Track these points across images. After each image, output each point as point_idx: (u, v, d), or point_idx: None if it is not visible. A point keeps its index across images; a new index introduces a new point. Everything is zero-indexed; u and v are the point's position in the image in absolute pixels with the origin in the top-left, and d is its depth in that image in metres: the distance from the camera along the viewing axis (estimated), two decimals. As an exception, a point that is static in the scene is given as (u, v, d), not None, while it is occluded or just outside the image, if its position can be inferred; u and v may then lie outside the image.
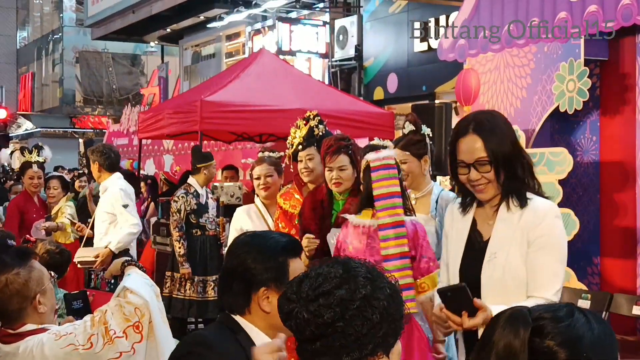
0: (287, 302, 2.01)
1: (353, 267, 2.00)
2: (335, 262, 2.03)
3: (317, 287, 1.96)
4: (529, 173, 3.22)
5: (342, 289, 1.94)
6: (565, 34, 6.47)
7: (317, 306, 1.93)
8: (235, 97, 9.44)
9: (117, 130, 17.93)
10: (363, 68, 14.99)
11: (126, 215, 7.28)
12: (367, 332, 1.92)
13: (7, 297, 3.15)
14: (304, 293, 1.97)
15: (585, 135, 7.13)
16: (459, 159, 3.17)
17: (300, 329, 1.96)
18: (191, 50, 22.77)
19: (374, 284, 1.97)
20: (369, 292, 1.95)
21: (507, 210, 3.19)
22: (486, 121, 3.19)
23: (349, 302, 1.92)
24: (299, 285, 2.00)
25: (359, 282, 1.96)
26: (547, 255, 3.16)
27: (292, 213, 5.51)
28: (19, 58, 41.02)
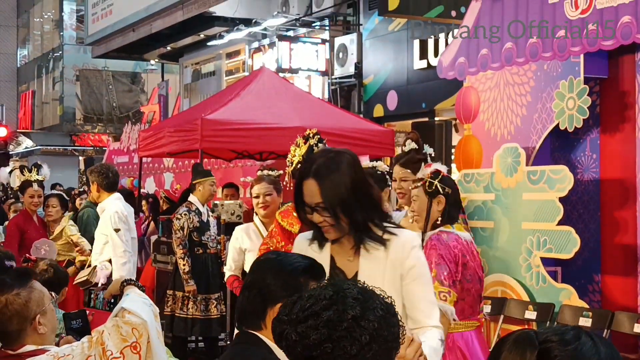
0: (278, 324, 2.02)
1: (344, 288, 2.00)
2: (328, 284, 2.04)
3: (307, 308, 1.96)
4: (374, 213, 3.12)
5: (330, 310, 1.94)
6: (565, 51, 6.50)
7: (305, 327, 1.93)
8: (235, 115, 9.45)
9: (117, 148, 17.94)
10: (363, 85, 15.01)
11: (116, 241, 7.28)
12: (357, 352, 1.91)
13: (7, 318, 3.14)
14: (294, 314, 1.98)
15: (585, 153, 7.13)
16: (304, 200, 3.09)
17: (290, 350, 1.97)
18: (191, 68, 22.81)
19: (364, 305, 1.96)
20: (358, 313, 1.94)
21: (367, 251, 3.11)
22: (324, 166, 3.07)
23: (336, 324, 1.92)
24: (291, 307, 2.01)
25: (348, 303, 1.95)
26: (421, 285, 3.12)
27: (290, 231, 5.51)
28: (19, 76, 41.07)
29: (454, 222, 4.54)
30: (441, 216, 4.51)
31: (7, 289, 3.16)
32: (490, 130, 7.70)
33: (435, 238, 4.44)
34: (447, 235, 4.46)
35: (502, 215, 7.12)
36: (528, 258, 6.91)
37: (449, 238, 4.45)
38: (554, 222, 6.72)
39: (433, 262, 4.34)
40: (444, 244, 4.40)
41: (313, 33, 16.36)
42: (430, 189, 4.52)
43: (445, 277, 4.33)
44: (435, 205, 4.51)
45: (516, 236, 6.95)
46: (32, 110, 37.48)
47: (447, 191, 4.53)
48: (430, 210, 4.51)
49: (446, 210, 4.52)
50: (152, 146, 10.57)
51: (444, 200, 4.52)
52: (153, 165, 15.62)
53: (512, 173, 7.11)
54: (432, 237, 4.46)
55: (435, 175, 4.55)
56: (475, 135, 7.80)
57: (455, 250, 4.41)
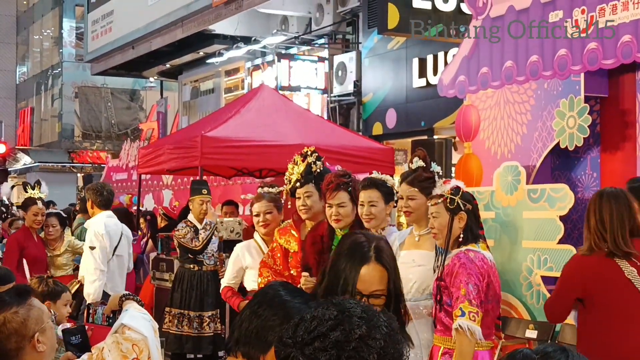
0: (283, 347, 1.97)
1: (347, 307, 1.97)
2: (330, 304, 2.00)
3: (312, 330, 1.92)
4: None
5: (337, 330, 1.90)
6: (565, 70, 6.50)
7: (313, 349, 1.89)
8: (235, 133, 9.45)
9: (116, 165, 17.92)
10: (362, 103, 15.02)
11: (89, 259, 7.49)
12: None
13: (5, 336, 3.11)
14: (299, 337, 1.93)
15: (585, 171, 7.12)
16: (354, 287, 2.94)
17: None
18: (190, 85, 22.84)
19: (369, 323, 1.94)
20: (365, 332, 1.91)
21: None
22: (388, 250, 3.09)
23: (344, 344, 1.89)
24: (294, 329, 1.97)
25: (354, 322, 1.92)
26: None
27: (286, 249, 5.50)
28: (18, 93, 41.13)
29: (477, 240, 4.51)
30: (463, 233, 4.48)
31: (6, 306, 3.14)
32: (490, 149, 7.69)
33: (463, 257, 4.39)
34: (474, 254, 4.43)
35: (502, 234, 7.09)
36: (528, 276, 6.88)
37: (475, 257, 4.42)
38: (554, 241, 6.69)
39: (462, 281, 4.31)
40: (473, 263, 4.37)
41: (312, 51, 16.40)
42: (452, 205, 4.48)
43: (475, 297, 4.29)
44: (456, 222, 4.47)
45: (516, 254, 6.92)
46: (30, 127, 37.52)
47: (468, 207, 4.50)
48: (451, 227, 4.48)
49: (468, 227, 4.48)
50: (152, 163, 10.56)
51: (465, 217, 4.48)
52: (152, 182, 15.61)
53: (512, 191, 7.09)
54: (459, 256, 4.41)
55: (455, 191, 4.51)
56: (475, 154, 7.79)
57: (482, 270, 4.38)
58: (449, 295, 4.39)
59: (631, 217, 4.68)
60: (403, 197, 4.82)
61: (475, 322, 4.24)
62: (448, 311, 4.41)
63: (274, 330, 2.35)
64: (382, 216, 4.99)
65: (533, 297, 6.84)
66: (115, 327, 3.31)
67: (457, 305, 4.29)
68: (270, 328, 2.36)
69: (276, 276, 5.42)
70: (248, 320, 2.40)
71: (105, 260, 7.51)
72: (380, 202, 4.96)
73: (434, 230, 4.54)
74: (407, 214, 4.83)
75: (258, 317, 2.39)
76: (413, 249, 4.82)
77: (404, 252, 4.84)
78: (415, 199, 4.79)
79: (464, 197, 4.52)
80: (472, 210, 4.51)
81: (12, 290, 3.35)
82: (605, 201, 4.74)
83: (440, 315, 4.45)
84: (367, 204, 4.96)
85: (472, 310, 4.25)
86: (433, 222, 4.54)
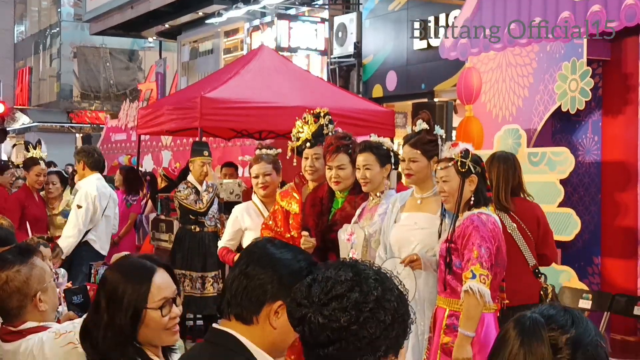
0: (298, 308, 1.97)
1: (362, 269, 1.98)
2: (342, 265, 2.00)
3: (329, 290, 1.93)
4: None
5: (354, 291, 1.91)
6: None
7: (332, 310, 1.90)
8: (235, 94, 9.40)
9: (115, 125, 17.87)
10: (362, 65, 14.94)
11: (72, 216, 7.76)
12: (380, 334, 1.90)
13: (7, 295, 3.12)
14: (316, 297, 1.93)
15: (587, 135, 7.11)
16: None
17: (315, 334, 1.92)
18: (189, 46, 22.71)
19: (383, 285, 1.95)
20: (380, 294, 1.92)
21: None
22: None
23: (362, 305, 1.90)
24: (308, 289, 1.97)
25: (370, 284, 1.93)
26: None
27: (287, 211, 5.50)
28: (17, 52, 40.90)
29: (488, 203, 4.50)
30: (474, 196, 4.46)
31: (8, 265, 3.15)
32: (491, 112, 7.68)
33: (476, 219, 4.38)
34: (486, 217, 4.42)
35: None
36: (528, 240, 6.90)
37: (487, 220, 4.41)
38: (554, 204, 6.71)
39: (475, 244, 4.30)
40: (485, 225, 4.36)
41: (312, 12, 16.27)
42: (463, 168, 4.46)
43: (486, 260, 4.28)
44: (467, 185, 4.44)
45: (516, 218, 6.92)
46: (29, 87, 37.39)
47: (478, 170, 4.48)
48: (462, 191, 4.46)
49: (479, 190, 4.47)
50: (151, 124, 10.52)
51: (476, 180, 4.46)
52: (151, 143, 15.57)
53: (513, 154, 7.09)
54: (472, 218, 4.39)
55: (465, 154, 4.48)
56: (477, 117, 7.77)
57: (493, 233, 4.38)
58: (459, 257, 4.39)
59: (515, 177, 5.31)
60: (405, 159, 4.79)
61: (485, 284, 4.25)
62: (457, 273, 4.41)
63: (265, 289, 2.32)
64: (378, 179, 4.97)
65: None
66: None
67: (468, 268, 4.29)
68: (261, 286, 2.32)
69: (276, 237, 5.42)
70: (237, 281, 2.36)
71: (87, 221, 7.73)
72: (376, 166, 4.94)
73: (444, 194, 4.51)
74: (408, 176, 4.81)
75: (247, 276, 2.34)
76: (415, 211, 4.80)
77: (405, 214, 4.82)
78: (417, 161, 4.76)
79: (474, 159, 4.50)
80: (482, 172, 4.50)
81: (15, 249, 3.36)
82: (494, 163, 5.31)
83: (448, 278, 4.45)
84: (362, 167, 4.95)
85: (482, 273, 4.26)
86: (443, 186, 4.51)
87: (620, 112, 6.84)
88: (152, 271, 2.70)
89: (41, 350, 3.00)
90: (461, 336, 4.32)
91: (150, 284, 2.67)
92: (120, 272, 2.72)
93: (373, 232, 4.90)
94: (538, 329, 1.79)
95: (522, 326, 1.82)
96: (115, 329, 2.63)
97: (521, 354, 1.78)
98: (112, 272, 2.73)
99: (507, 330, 1.84)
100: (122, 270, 2.73)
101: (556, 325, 1.81)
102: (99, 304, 2.69)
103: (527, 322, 1.82)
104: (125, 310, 2.63)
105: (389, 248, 4.83)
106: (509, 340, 1.82)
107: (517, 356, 1.78)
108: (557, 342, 1.78)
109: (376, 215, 4.93)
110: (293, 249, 2.47)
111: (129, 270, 2.73)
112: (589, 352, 1.79)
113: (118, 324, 2.63)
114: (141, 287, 2.66)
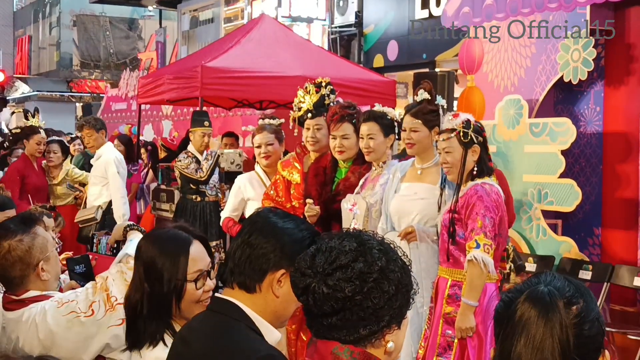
0: (302, 277, 1.97)
1: (366, 239, 1.98)
2: (346, 235, 2.00)
3: (333, 260, 1.93)
4: None
5: (358, 261, 1.92)
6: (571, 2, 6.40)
7: (337, 280, 1.91)
8: (236, 63, 9.36)
9: (115, 95, 17.81)
10: (363, 35, 14.87)
11: (117, 183, 8.12)
12: (384, 304, 1.91)
13: (9, 264, 3.13)
14: (320, 267, 1.94)
15: (589, 105, 7.09)
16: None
17: (319, 303, 1.93)
18: (189, 14, 22.59)
19: (387, 256, 1.96)
20: (384, 264, 1.93)
21: None
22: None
23: (366, 275, 1.90)
24: (312, 259, 1.97)
25: (374, 254, 1.94)
26: None
27: (289, 181, 5.49)
28: (16, 20, 40.67)
29: (490, 173, 4.49)
30: (477, 166, 4.46)
31: (11, 234, 3.15)
32: (493, 82, 7.65)
33: (480, 189, 4.39)
34: (489, 187, 4.42)
35: (503, 168, 7.09)
36: (529, 210, 6.91)
37: (491, 190, 4.41)
38: (555, 175, 6.71)
39: (479, 214, 4.31)
40: (489, 195, 4.37)
41: (313, -20, 16.16)
42: (466, 139, 4.45)
43: (490, 230, 4.30)
44: (470, 155, 4.45)
45: (517, 188, 6.93)
46: (28, 56, 37.22)
47: (480, 140, 4.48)
48: (465, 161, 4.46)
49: (482, 160, 4.47)
50: (152, 93, 10.48)
51: (478, 150, 4.46)
52: (152, 112, 15.53)
53: (515, 125, 7.08)
54: (476, 188, 4.40)
55: (467, 124, 4.48)
56: (478, 87, 7.74)
57: (497, 203, 4.38)
58: (463, 227, 4.40)
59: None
60: (406, 129, 4.78)
61: (489, 254, 4.27)
62: (460, 244, 4.41)
63: (268, 257, 2.32)
64: (382, 149, 4.96)
65: (533, 231, 6.88)
66: (120, 256, 3.32)
67: (472, 237, 4.30)
68: (263, 255, 2.33)
69: (278, 207, 5.41)
70: (240, 250, 2.36)
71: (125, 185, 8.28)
72: (379, 135, 4.93)
73: (446, 166, 4.51)
74: (409, 146, 4.80)
75: (250, 245, 2.35)
76: (415, 181, 4.80)
77: (405, 184, 4.82)
78: (418, 131, 4.75)
79: (476, 129, 4.49)
80: (483, 142, 4.49)
81: (17, 218, 3.36)
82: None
83: (451, 248, 4.46)
84: (366, 137, 4.94)
85: (486, 242, 4.27)
86: (446, 157, 4.50)
87: (622, 83, 6.82)
88: (189, 243, 2.69)
89: (43, 319, 3.01)
90: (464, 305, 4.33)
91: (187, 256, 2.66)
92: (156, 244, 2.70)
93: (374, 202, 4.90)
94: (556, 304, 1.81)
95: (542, 303, 1.81)
96: (155, 300, 2.64)
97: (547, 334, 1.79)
98: (147, 244, 2.72)
99: (522, 310, 1.83)
100: (158, 242, 2.72)
101: (565, 298, 1.82)
102: (137, 277, 2.69)
103: (545, 298, 1.82)
104: (167, 283, 2.63)
105: (388, 218, 4.83)
106: (530, 320, 1.81)
107: (544, 338, 1.78)
108: (569, 313, 1.80)
109: (377, 185, 4.93)
110: (295, 219, 2.47)
111: (165, 242, 2.71)
112: (595, 323, 1.81)
113: (159, 295, 2.63)
114: (178, 259, 2.65)
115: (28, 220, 3.27)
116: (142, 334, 2.67)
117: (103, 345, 2.96)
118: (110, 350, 2.96)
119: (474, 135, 4.45)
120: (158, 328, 2.67)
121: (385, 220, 4.85)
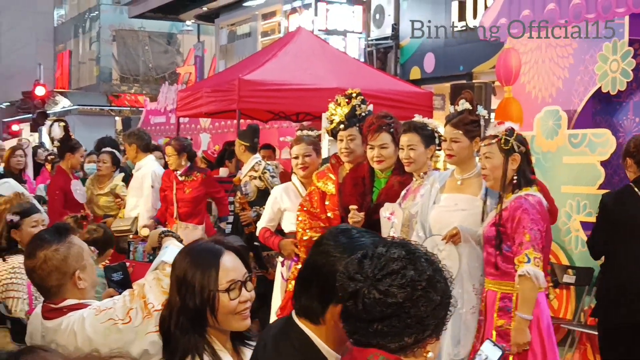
0: (351, 282, 1.98)
1: (413, 249, 2.00)
2: (392, 243, 2.02)
3: (383, 267, 1.95)
4: None
5: (408, 269, 1.93)
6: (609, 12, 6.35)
7: (388, 285, 1.92)
8: (273, 76, 9.40)
9: (154, 108, 17.97)
10: (399, 47, 14.86)
11: (150, 196, 8.25)
12: (430, 313, 1.93)
13: (46, 274, 3.16)
14: (370, 272, 1.95)
15: (627, 116, 7.02)
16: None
17: (369, 308, 1.93)
18: (227, 29, 22.75)
19: (434, 265, 1.98)
20: (432, 274, 1.95)
21: None
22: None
23: (417, 283, 1.92)
24: (360, 265, 1.98)
25: (423, 263, 1.96)
26: None
27: (324, 192, 5.48)
28: (56, 36, 41.24)
29: (531, 184, 4.47)
30: (516, 176, 4.44)
31: (46, 244, 3.18)
32: (531, 93, 7.60)
33: (525, 202, 4.37)
34: (533, 198, 4.40)
35: (542, 179, 7.01)
36: (567, 222, 6.84)
37: (535, 202, 4.39)
38: (594, 186, 6.64)
39: (526, 227, 4.29)
40: (534, 208, 4.35)
41: (350, -6, 16.19)
42: (507, 146, 4.44)
43: (538, 243, 4.28)
44: (510, 163, 4.43)
45: (556, 200, 6.85)
46: (69, 70, 37.70)
47: (521, 149, 4.46)
48: (506, 170, 4.44)
49: (521, 170, 4.44)
50: (190, 106, 10.57)
51: (518, 159, 4.44)
52: (190, 125, 15.64)
53: (553, 136, 7.02)
54: (520, 201, 4.38)
55: (510, 132, 4.46)
56: (516, 98, 7.69)
57: (542, 215, 4.36)
58: (509, 240, 4.37)
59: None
60: (446, 139, 4.76)
61: (539, 267, 4.25)
62: (508, 257, 4.39)
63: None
64: (422, 160, 4.95)
65: (572, 243, 6.80)
66: (156, 263, 3.33)
67: (522, 252, 4.27)
68: None
69: (312, 219, 5.41)
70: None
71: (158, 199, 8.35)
72: (420, 146, 4.92)
73: (485, 171, 4.50)
74: (449, 156, 4.77)
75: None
76: (455, 192, 4.77)
77: (445, 195, 4.79)
78: (459, 141, 4.72)
79: (518, 139, 4.47)
80: (525, 153, 4.47)
81: (52, 228, 3.39)
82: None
83: (498, 260, 4.43)
84: (406, 147, 4.92)
85: (536, 256, 4.25)
86: (485, 162, 4.49)
87: (662, 93, 6.74)
88: (220, 254, 2.66)
89: (82, 327, 3.03)
90: (519, 320, 4.31)
91: (218, 267, 2.62)
92: (189, 256, 2.69)
93: (415, 212, 4.88)
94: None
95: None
96: (187, 313, 2.59)
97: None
98: (182, 257, 2.71)
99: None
100: (190, 254, 2.70)
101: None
102: (172, 289, 2.67)
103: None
104: (199, 294, 2.58)
105: (428, 228, 4.80)
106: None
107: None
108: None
109: (418, 196, 4.91)
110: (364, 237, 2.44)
111: (197, 253, 2.69)
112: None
113: (191, 308, 2.58)
114: (209, 270, 2.61)
115: (63, 230, 3.29)
116: (175, 348, 2.65)
117: (141, 351, 2.96)
118: (149, 356, 2.96)
119: (516, 143, 4.44)
120: (191, 342, 2.63)
121: (422, 230, 4.82)
